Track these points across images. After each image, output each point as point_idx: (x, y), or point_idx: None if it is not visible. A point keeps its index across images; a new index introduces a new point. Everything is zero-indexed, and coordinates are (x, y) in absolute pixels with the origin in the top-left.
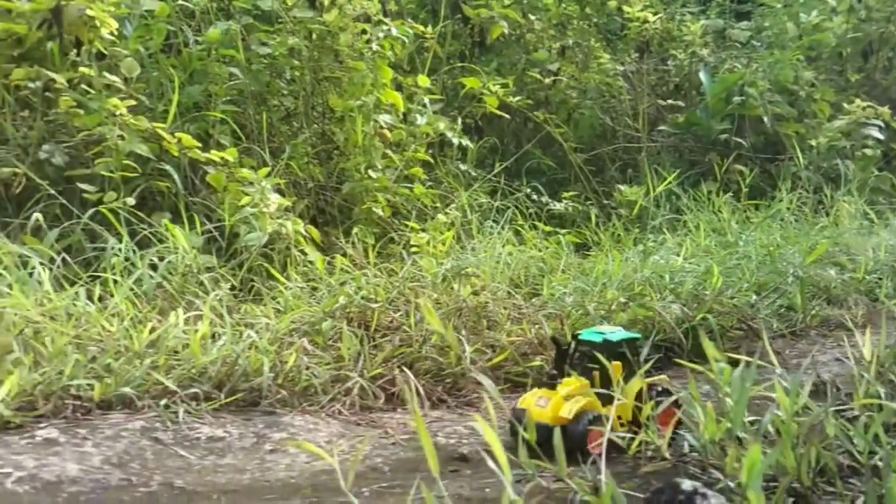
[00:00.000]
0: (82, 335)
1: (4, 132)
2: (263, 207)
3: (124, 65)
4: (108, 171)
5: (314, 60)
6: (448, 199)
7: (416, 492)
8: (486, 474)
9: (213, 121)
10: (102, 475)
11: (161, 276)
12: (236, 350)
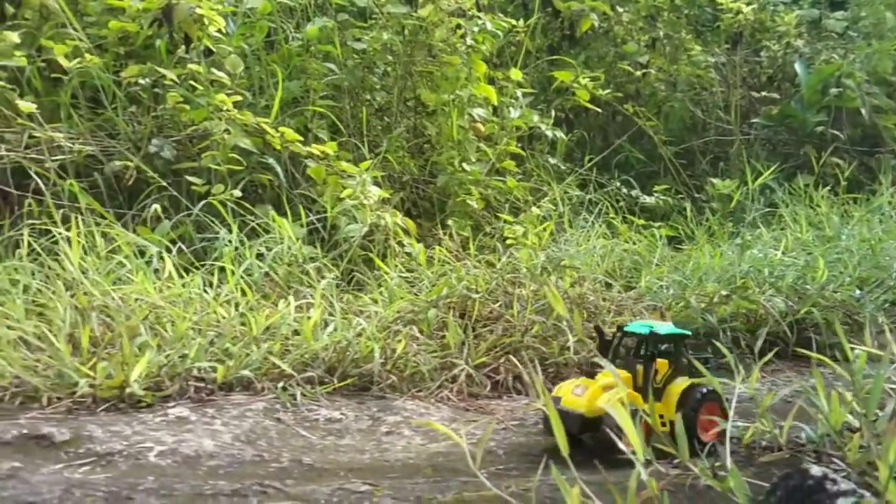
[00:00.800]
0: (200, 321)
1: (116, 127)
2: (364, 200)
3: (228, 61)
4: (214, 164)
5: (407, 55)
6: (538, 193)
7: (543, 473)
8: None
9: (310, 115)
10: (236, 451)
11: (269, 266)
12: (347, 337)
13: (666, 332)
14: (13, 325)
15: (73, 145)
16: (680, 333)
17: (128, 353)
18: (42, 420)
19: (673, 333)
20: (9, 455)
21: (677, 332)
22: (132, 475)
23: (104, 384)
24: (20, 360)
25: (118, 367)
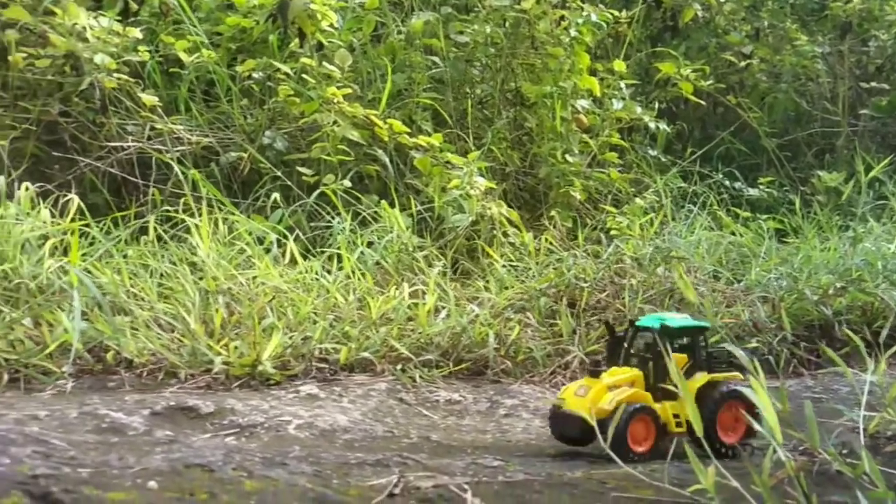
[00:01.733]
0: (319, 305)
1: (230, 119)
2: (470, 190)
3: (338, 55)
4: (325, 155)
5: (509, 48)
6: (639, 184)
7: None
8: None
9: (414, 107)
10: (367, 426)
11: (380, 254)
12: (462, 322)
13: (679, 324)
14: (145, 307)
15: (192, 137)
16: (695, 325)
17: (258, 334)
18: (185, 394)
19: (687, 326)
20: (161, 424)
21: (692, 325)
22: (277, 445)
23: (237, 362)
24: (156, 339)
25: (250, 346)
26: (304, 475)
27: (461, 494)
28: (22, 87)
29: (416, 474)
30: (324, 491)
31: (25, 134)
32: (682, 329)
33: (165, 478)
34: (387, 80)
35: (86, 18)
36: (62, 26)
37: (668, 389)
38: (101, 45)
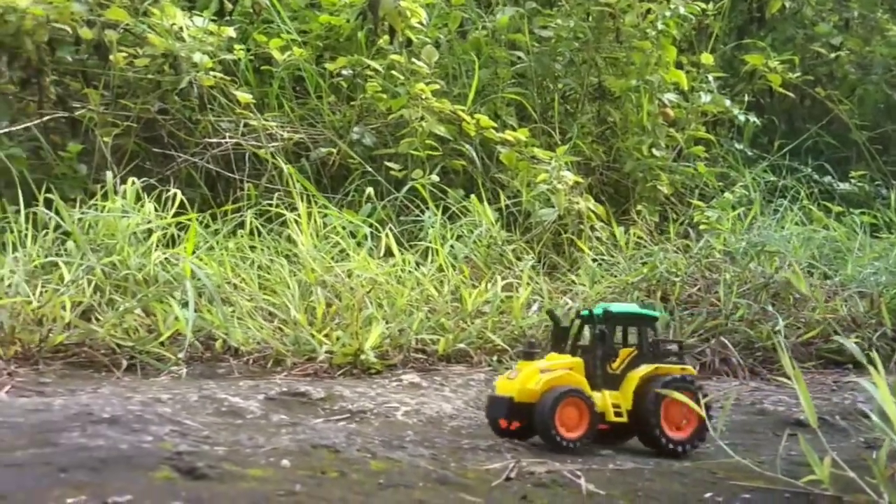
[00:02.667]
0: (415, 297)
1: (320, 115)
2: (558, 184)
3: (425, 51)
4: (413, 150)
5: (593, 42)
6: (725, 178)
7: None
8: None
9: (499, 102)
10: (471, 414)
11: (470, 248)
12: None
13: (623, 311)
14: (246, 298)
15: (284, 133)
16: (641, 314)
17: (359, 325)
18: (294, 380)
19: (632, 314)
20: (276, 409)
21: (638, 313)
22: (389, 430)
23: (340, 351)
24: (260, 328)
25: (352, 336)
26: (422, 457)
27: (575, 480)
28: (121, 86)
29: (528, 460)
30: (444, 473)
31: (126, 131)
32: (627, 316)
33: (295, 457)
34: (471, 75)
35: (182, 18)
36: (160, 26)
37: (611, 378)
38: (198, 44)
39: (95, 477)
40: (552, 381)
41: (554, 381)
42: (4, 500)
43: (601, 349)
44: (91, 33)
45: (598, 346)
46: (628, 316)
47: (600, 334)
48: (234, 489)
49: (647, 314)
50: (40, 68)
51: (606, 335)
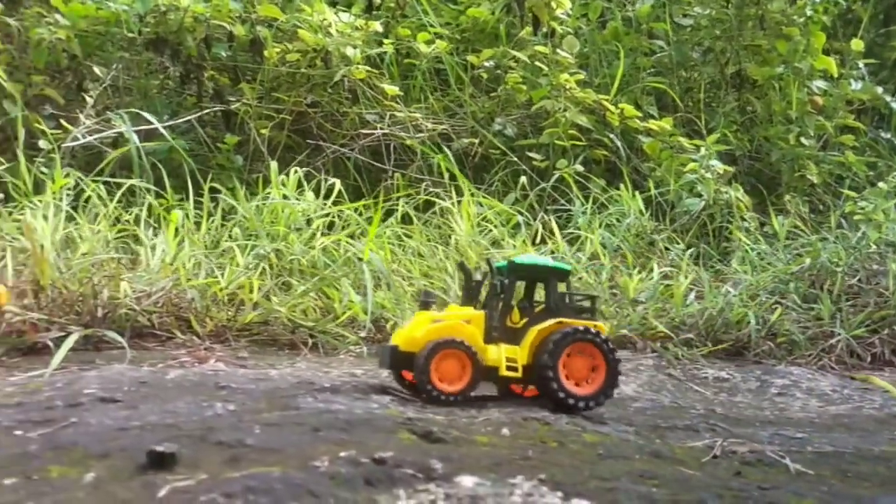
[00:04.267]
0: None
1: (462, 107)
2: (706, 174)
3: (566, 41)
4: (556, 140)
5: (735, 29)
6: (874, 167)
7: None
8: None
9: (639, 92)
10: (651, 397)
11: (620, 237)
12: (719, 303)
13: (525, 262)
14: (407, 283)
15: (428, 124)
16: (549, 266)
17: None
18: None
19: (539, 265)
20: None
21: (545, 265)
22: None
23: None
24: None
25: None
26: (626, 433)
27: (779, 460)
28: (274, 80)
29: (728, 440)
30: (657, 448)
31: (279, 124)
32: (533, 269)
33: (512, 427)
34: (611, 65)
35: (331, 14)
36: (309, 22)
37: (511, 332)
38: (347, 38)
39: (348, 436)
40: (437, 331)
41: (439, 331)
42: (278, 453)
43: (499, 302)
44: (244, 30)
45: (495, 299)
46: (535, 268)
47: (499, 286)
48: (474, 452)
49: (556, 267)
50: (199, 64)
51: (504, 287)
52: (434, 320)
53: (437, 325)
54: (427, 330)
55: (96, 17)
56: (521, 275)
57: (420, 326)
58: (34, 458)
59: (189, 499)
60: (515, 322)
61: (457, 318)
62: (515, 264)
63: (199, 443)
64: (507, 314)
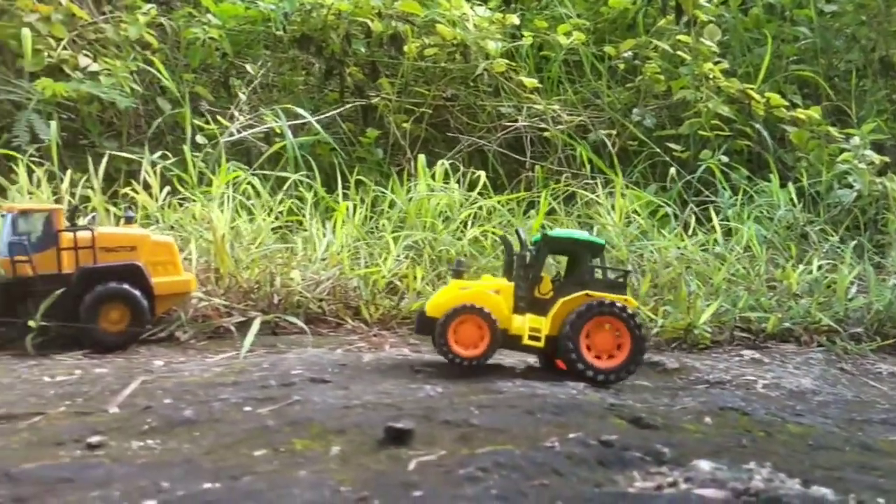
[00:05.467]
0: (727, 275)
1: (599, 98)
2: (860, 164)
3: (707, 30)
4: (700, 130)
5: (882, 14)
6: None
7: None
8: None
9: (782, 80)
10: (829, 390)
11: (772, 229)
12: (888, 296)
13: (561, 235)
14: None
15: (565, 115)
16: (582, 239)
17: (688, 301)
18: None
19: (572, 238)
20: (636, 376)
21: (578, 237)
22: (759, 400)
23: (669, 326)
24: None
25: (683, 312)
26: (827, 424)
27: None
28: (412, 74)
29: None
30: (863, 440)
31: (418, 117)
32: (566, 241)
33: (713, 416)
34: (753, 53)
35: (468, 8)
36: (447, 16)
37: (540, 303)
38: (486, 32)
39: (565, 419)
40: (461, 297)
41: (463, 297)
42: (505, 433)
43: (528, 273)
44: (381, 25)
45: (524, 270)
46: (567, 241)
47: (528, 257)
48: (689, 438)
49: (589, 240)
50: (341, 60)
51: (533, 258)
52: (462, 287)
53: (463, 293)
54: (451, 297)
55: (245, 17)
56: (553, 247)
57: (447, 293)
58: (274, 432)
59: (444, 472)
60: (544, 293)
61: (485, 287)
62: (548, 237)
63: (424, 421)
64: (536, 285)
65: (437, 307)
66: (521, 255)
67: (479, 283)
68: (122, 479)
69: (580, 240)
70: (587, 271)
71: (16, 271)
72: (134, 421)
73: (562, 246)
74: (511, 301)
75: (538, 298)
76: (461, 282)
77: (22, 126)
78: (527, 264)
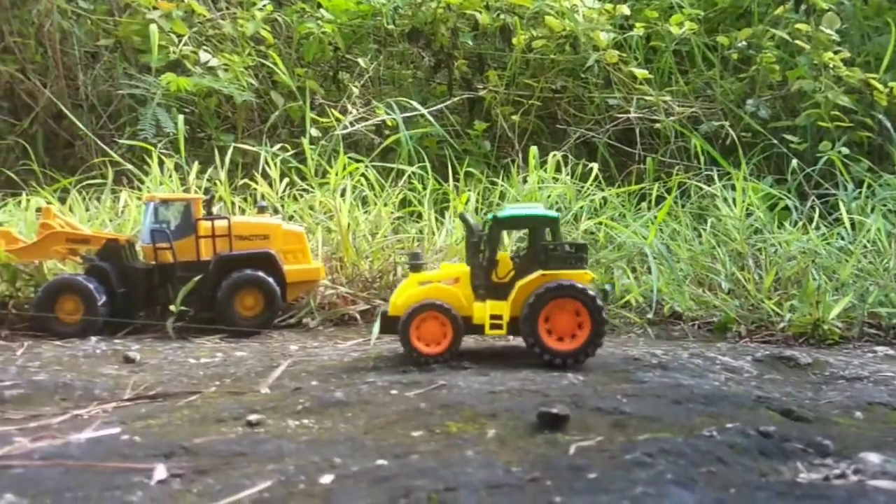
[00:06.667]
0: (853, 269)
1: (711, 88)
2: None
3: (826, 18)
4: (818, 122)
5: None
6: None
7: None
8: None
9: None
10: None
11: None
12: None
13: (510, 214)
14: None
15: (677, 106)
16: (533, 215)
17: (816, 295)
18: (775, 345)
19: (522, 216)
20: (768, 370)
21: (528, 214)
22: None
23: (797, 320)
24: (698, 296)
25: (811, 307)
26: None
27: None
28: (520, 66)
29: None
30: None
31: (526, 109)
32: (515, 219)
33: (862, 411)
34: (873, 41)
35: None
36: (556, 8)
37: (498, 287)
38: (596, 23)
39: (716, 409)
40: (420, 294)
41: (422, 294)
42: (658, 421)
43: (482, 259)
44: (489, 18)
45: (475, 256)
46: (518, 219)
47: (478, 243)
48: (845, 431)
49: (541, 215)
50: (450, 53)
51: (485, 243)
52: (421, 282)
53: (422, 289)
54: (409, 295)
55: (356, 11)
56: (504, 228)
57: (406, 290)
58: (427, 414)
59: (608, 456)
60: (502, 277)
61: (444, 278)
62: (497, 219)
63: (574, 408)
64: (493, 270)
65: (398, 306)
66: (473, 242)
67: (438, 274)
68: (292, 454)
69: (532, 216)
70: (541, 249)
71: (157, 258)
72: (287, 401)
73: (513, 225)
74: (471, 289)
75: (497, 283)
76: (420, 275)
77: (148, 119)
78: (480, 250)
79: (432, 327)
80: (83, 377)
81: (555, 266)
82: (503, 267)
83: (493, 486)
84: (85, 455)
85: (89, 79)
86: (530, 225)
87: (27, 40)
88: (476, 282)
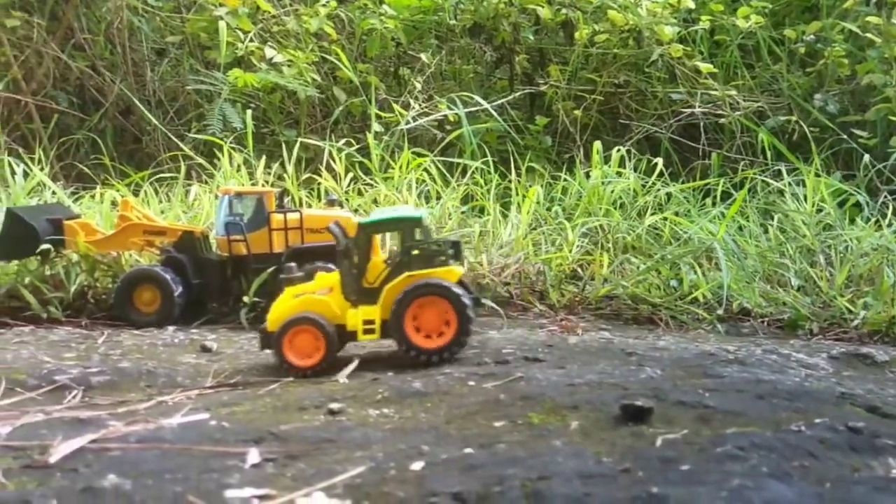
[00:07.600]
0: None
1: (777, 83)
2: None
3: None
4: (888, 116)
5: None
6: None
7: None
8: None
9: None
10: None
11: None
12: None
13: (370, 221)
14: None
15: (742, 101)
16: (397, 218)
17: (887, 292)
18: (849, 343)
19: (383, 220)
20: (843, 367)
21: (390, 218)
22: None
23: (871, 318)
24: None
25: (886, 304)
26: None
27: None
28: (582, 61)
29: None
30: None
31: (587, 104)
32: (380, 223)
33: None
34: None
35: None
36: (619, 2)
37: (370, 292)
38: (660, 17)
39: (801, 405)
40: (292, 308)
41: (297, 307)
42: (743, 416)
43: (350, 265)
44: (551, 12)
45: (343, 263)
46: (383, 223)
47: (345, 250)
48: None
49: (402, 217)
50: (511, 48)
51: (349, 250)
52: (296, 295)
53: (294, 302)
54: (285, 308)
55: (418, 7)
56: (370, 233)
57: (282, 305)
58: (508, 405)
59: (698, 449)
60: (372, 282)
61: (318, 287)
62: (361, 224)
63: (656, 401)
64: (361, 276)
65: (273, 321)
66: (342, 250)
67: (312, 285)
68: (379, 442)
69: (395, 219)
70: (405, 251)
71: (231, 250)
72: (366, 391)
73: (379, 229)
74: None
75: (368, 288)
76: (295, 288)
77: (216, 115)
78: (349, 257)
79: (306, 340)
80: (164, 365)
81: (418, 266)
82: (373, 271)
83: (585, 475)
84: (178, 439)
85: (157, 75)
86: (396, 228)
87: (97, 37)
88: (347, 289)
